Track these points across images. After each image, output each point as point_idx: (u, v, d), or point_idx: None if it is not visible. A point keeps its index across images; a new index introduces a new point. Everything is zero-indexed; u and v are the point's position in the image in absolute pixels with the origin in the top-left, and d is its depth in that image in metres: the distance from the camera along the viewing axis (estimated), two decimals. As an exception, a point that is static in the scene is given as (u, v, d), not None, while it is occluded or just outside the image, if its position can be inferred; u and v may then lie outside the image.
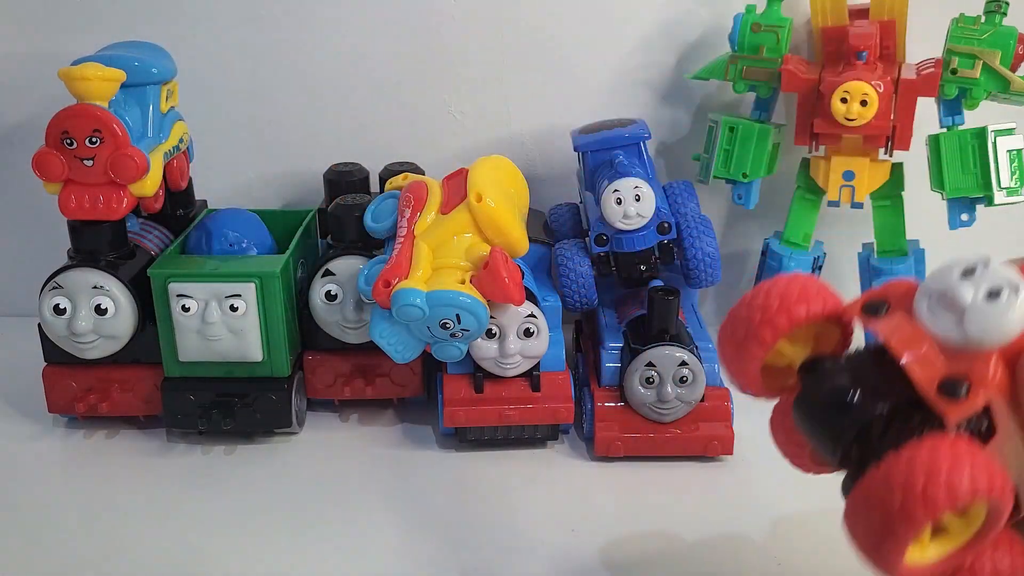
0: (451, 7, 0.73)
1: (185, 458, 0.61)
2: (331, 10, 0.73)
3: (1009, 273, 0.31)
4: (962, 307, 0.31)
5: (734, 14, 0.67)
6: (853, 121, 0.63)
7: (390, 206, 0.60)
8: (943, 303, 0.31)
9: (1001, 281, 0.31)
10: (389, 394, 0.64)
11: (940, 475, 0.29)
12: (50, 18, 0.73)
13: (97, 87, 0.55)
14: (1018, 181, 0.64)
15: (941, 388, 0.31)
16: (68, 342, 0.59)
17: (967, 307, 0.31)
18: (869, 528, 0.31)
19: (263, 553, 0.52)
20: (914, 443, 0.30)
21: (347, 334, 0.62)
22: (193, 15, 0.73)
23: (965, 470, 0.29)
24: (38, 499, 0.57)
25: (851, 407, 0.33)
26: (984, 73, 0.62)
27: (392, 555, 0.52)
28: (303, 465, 0.60)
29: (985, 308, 0.30)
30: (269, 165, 0.77)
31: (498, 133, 0.76)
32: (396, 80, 0.75)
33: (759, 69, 0.67)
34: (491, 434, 0.60)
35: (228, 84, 0.75)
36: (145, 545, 0.52)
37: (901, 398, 0.32)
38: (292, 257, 0.61)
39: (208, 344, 0.58)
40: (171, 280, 0.57)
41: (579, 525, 0.54)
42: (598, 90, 0.75)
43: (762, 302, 0.35)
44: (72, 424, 0.64)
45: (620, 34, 0.74)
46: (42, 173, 0.56)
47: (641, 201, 0.60)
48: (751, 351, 0.35)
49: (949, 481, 0.29)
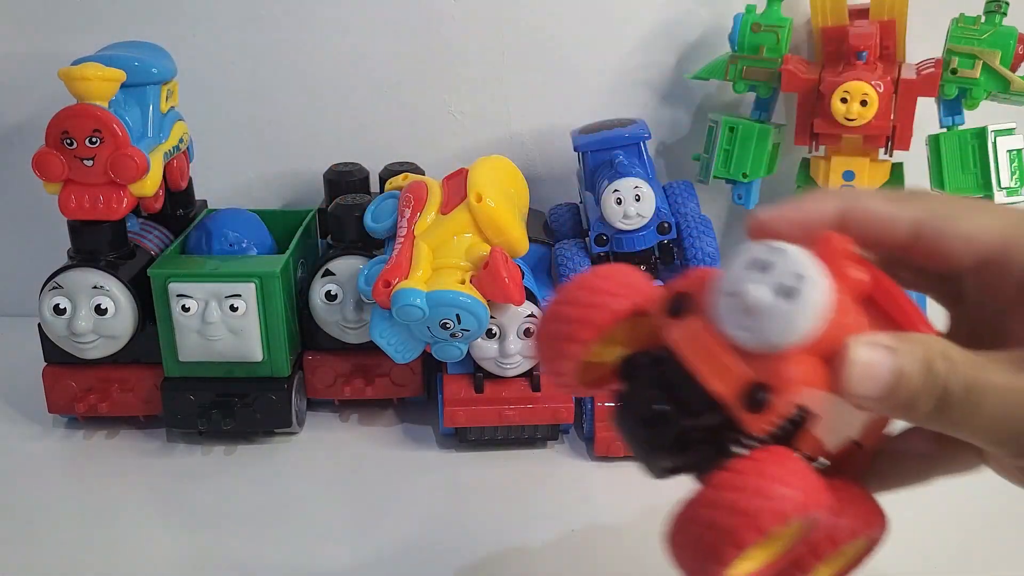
0: (451, 7, 0.73)
1: (185, 458, 0.61)
2: (331, 10, 0.73)
3: (802, 263, 0.28)
4: (754, 309, 0.28)
5: (734, 14, 0.67)
6: (853, 121, 0.63)
7: (390, 206, 0.60)
8: (736, 305, 0.28)
9: (793, 276, 0.28)
10: (389, 394, 0.64)
11: (769, 497, 0.28)
12: (50, 18, 0.73)
13: (97, 87, 0.55)
14: (1018, 181, 0.64)
15: (742, 399, 0.28)
16: (68, 342, 0.59)
17: (759, 310, 0.28)
18: (693, 551, 0.29)
19: (263, 553, 0.52)
20: (733, 464, 0.29)
21: (347, 334, 0.62)
22: (193, 15, 0.73)
23: (790, 490, 0.28)
24: (38, 499, 0.57)
25: (662, 423, 0.31)
26: (984, 73, 0.62)
27: (392, 555, 0.51)
28: (303, 465, 0.60)
29: (779, 308, 0.28)
30: (269, 165, 0.77)
31: (498, 133, 0.76)
32: (396, 80, 0.75)
33: (759, 69, 0.67)
34: (491, 434, 0.60)
35: (228, 84, 0.75)
36: (145, 545, 0.52)
37: (712, 408, 0.29)
38: (292, 257, 0.61)
39: (208, 344, 0.58)
40: (171, 280, 0.57)
41: (579, 525, 0.54)
42: (598, 90, 0.75)
43: (580, 297, 0.32)
44: (72, 424, 0.64)
45: (620, 34, 0.74)
46: (42, 173, 0.56)
47: (641, 201, 0.60)
48: (566, 352, 0.32)
49: (778, 503, 0.28)
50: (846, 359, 0.29)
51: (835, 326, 0.29)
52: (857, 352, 0.29)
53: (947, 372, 0.29)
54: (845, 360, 0.29)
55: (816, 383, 0.29)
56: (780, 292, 0.28)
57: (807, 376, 0.28)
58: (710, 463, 0.30)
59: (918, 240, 0.32)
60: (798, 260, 0.28)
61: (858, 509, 0.33)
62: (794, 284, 0.28)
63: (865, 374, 0.29)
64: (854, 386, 0.29)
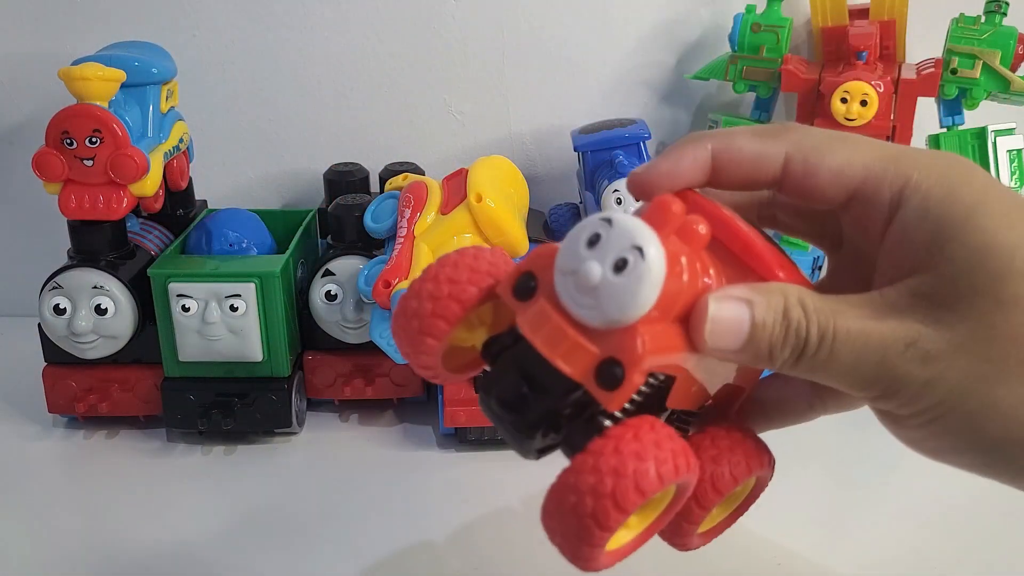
0: (451, 7, 0.73)
1: (185, 458, 0.61)
2: (331, 10, 0.73)
3: (636, 232, 0.27)
4: (590, 287, 0.28)
5: (734, 14, 0.67)
6: (853, 121, 0.63)
7: (390, 206, 0.60)
8: (574, 283, 0.28)
9: (624, 249, 0.27)
10: (389, 394, 0.64)
11: (627, 476, 0.28)
12: (50, 18, 0.73)
13: (97, 87, 0.55)
14: (1018, 181, 0.64)
15: (595, 378, 0.28)
16: (68, 342, 0.59)
17: (595, 286, 0.27)
18: (565, 532, 0.29)
19: (263, 553, 0.52)
20: (597, 442, 0.29)
21: (347, 334, 0.62)
22: (193, 15, 0.73)
23: (650, 464, 0.28)
24: (38, 499, 0.57)
25: (526, 406, 0.31)
26: (984, 73, 0.62)
27: (392, 555, 0.51)
28: (303, 465, 0.60)
29: (615, 283, 0.27)
30: (269, 165, 0.77)
31: (498, 133, 0.76)
32: (396, 80, 0.75)
33: (759, 69, 0.67)
34: (491, 434, 0.60)
35: (228, 84, 0.75)
36: (145, 545, 0.52)
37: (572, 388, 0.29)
38: (292, 257, 0.61)
39: (208, 344, 0.58)
40: (171, 280, 0.57)
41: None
42: (598, 90, 0.75)
43: (431, 289, 0.32)
44: (72, 424, 0.64)
45: (620, 34, 0.74)
46: (42, 173, 0.56)
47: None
48: (426, 344, 0.32)
49: (636, 480, 0.28)
50: (702, 316, 0.29)
51: (682, 287, 0.29)
52: (712, 307, 0.29)
53: (802, 320, 0.29)
54: (701, 317, 0.29)
55: (670, 348, 0.29)
56: (615, 266, 0.27)
57: (657, 344, 0.28)
58: (582, 438, 0.30)
59: (788, 176, 0.32)
60: (629, 230, 0.28)
61: (742, 453, 0.34)
62: (628, 256, 0.27)
63: (722, 329, 0.29)
64: (713, 340, 0.29)
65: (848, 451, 0.60)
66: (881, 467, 0.59)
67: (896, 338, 0.29)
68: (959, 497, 0.55)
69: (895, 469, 0.59)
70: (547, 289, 0.29)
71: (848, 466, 0.59)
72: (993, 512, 0.54)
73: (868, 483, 0.58)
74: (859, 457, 0.60)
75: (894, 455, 0.61)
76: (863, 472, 0.59)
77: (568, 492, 0.29)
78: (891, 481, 0.58)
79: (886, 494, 0.57)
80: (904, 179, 0.30)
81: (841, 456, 0.60)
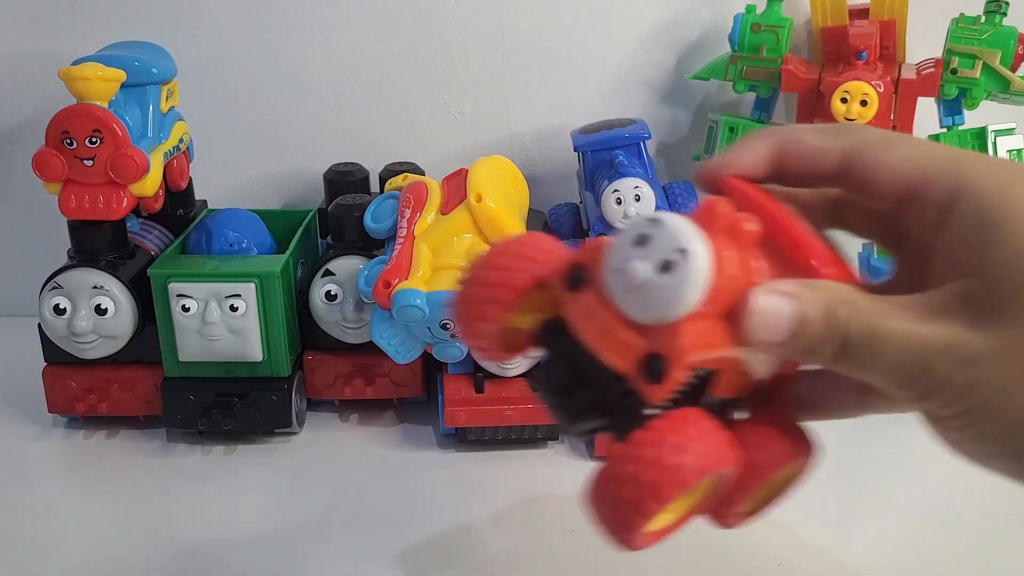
0: (451, 7, 0.73)
1: (185, 458, 0.61)
2: (331, 10, 0.73)
3: (679, 235, 0.28)
4: (638, 286, 0.29)
5: (734, 14, 0.67)
6: (853, 121, 0.63)
7: (390, 206, 0.60)
8: (623, 281, 0.29)
9: (671, 251, 0.28)
10: (389, 394, 0.64)
11: (667, 468, 0.29)
12: (50, 18, 0.73)
13: (97, 87, 0.55)
14: (1018, 181, 0.64)
15: (639, 371, 0.29)
16: (68, 342, 0.59)
17: (642, 285, 0.29)
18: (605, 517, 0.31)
19: (263, 553, 0.52)
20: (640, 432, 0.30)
21: (347, 334, 0.62)
22: (193, 15, 0.73)
23: (689, 457, 0.29)
24: (38, 499, 0.57)
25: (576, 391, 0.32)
26: (984, 73, 0.62)
27: (392, 555, 0.51)
28: (303, 465, 0.60)
29: (660, 283, 0.28)
30: (269, 165, 0.77)
31: (498, 133, 0.76)
32: (396, 80, 0.75)
33: (759, 69, 0.67)
34: (491, 434, 0.60)
35: (228, 84, 0.75)
36: (145, 545, 0.52)
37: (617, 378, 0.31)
38: (292, 257, 0.61)
39: (208, 344, 0.58)
40: (171, 280, 0.57)
41: (579, 525, 0.54)
42: (598, 90, 0.75)
43: (494, 266, 0.33)
44: (72, 424, 0.64)
45: (620, 34, 0.74)
46: (42, 173, 0.56)
47: (641, 201, 0.60)
48: (487, 314, 0.33)
49: (675, 472, 0.29)
50: (747, 309, 0.29)
51: (727, 284, 0.29)
52: (758, 301, 0.29)
53: (848, 318, 0.30)
54: (746, 310, 0.29)
55: (713, 344, 0.30)
56: (660, 267, 0.28)
57: (700, 341, 0.29)
58: (627, 424, 0.31)
59: (848, 172, 0.33)
60: (675, 232, 0.29)
61: (785, 440, 0.34)
62: (673, 258, 0.28)
63: (766, 322, 0.30)
64: (756, 334, 0.30)
65: (848, 451, 0.59)
66: (881, 467, 0.59)
67: (938, 340, 0.29)
68: (959, 497, 0.55)
69: (895, 469, 0.59)
70: (596, 282, 0.31)
71: (848, 466, 0.59)
72: (994, 512, 0.54)
73: (868, 483, 0.58)
74: (859, 457, 0.60)
75: (894, 455, 0.61)
76: (863, 472, 0.59)
77: (609, 480, 0.30)
78: (891, 481, 0.58)
79: (886, 494, 0.57)
80: (958, 180, 0.31)
81: (841, 456, 0.60)
